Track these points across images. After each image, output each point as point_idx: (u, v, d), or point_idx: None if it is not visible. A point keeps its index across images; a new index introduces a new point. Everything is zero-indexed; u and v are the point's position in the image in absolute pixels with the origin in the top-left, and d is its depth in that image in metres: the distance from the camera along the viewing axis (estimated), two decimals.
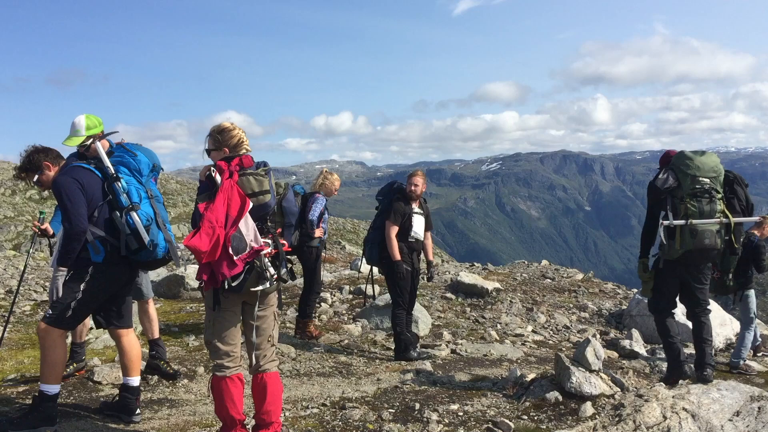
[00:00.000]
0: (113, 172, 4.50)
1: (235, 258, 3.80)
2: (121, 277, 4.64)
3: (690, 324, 6.43)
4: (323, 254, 8.43)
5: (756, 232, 8.61)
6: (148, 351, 6.11)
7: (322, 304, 10.09)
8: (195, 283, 10.67)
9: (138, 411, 4.82)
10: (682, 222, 5.66)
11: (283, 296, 11.07)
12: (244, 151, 4.11)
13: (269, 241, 4.08)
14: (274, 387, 4.19)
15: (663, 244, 5.85)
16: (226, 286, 3.83)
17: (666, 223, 5.77)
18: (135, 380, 4.84)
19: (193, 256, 16.44)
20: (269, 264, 4.02)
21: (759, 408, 4.72)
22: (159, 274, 11.96)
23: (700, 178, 5.64)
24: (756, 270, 8.34)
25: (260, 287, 3.98)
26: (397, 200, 7.23)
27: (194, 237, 3.69)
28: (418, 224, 7.39)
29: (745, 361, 8.69)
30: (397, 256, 7.14)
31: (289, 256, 7.90)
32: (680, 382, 6.02)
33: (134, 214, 4.43)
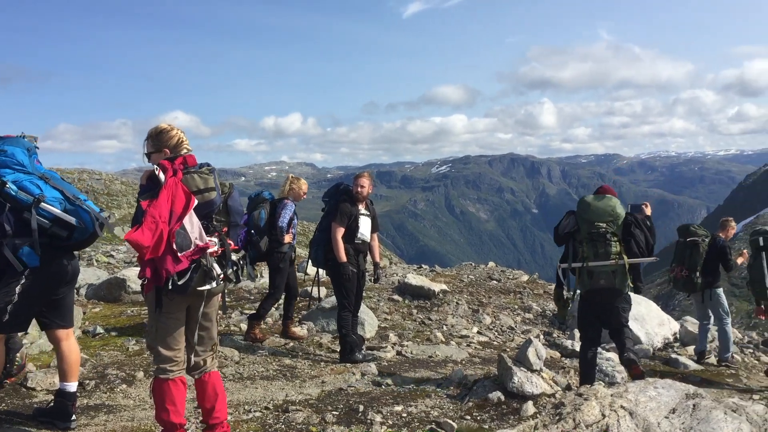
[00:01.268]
0: None
1: (179, 254, 3.73)
2: (60, 275, 4.49)
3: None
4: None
5: (721, 234, 9.08)
6: None
7: None
8: (136, 286, 10.42)
9: (74, 417, 4.68)
10: (579, 264, 6.00)
11: (227, 299, 10.91)
12: (185, 150, 4.03)
13: (215, 240, 4.03)
14: (221, 386, 4.17)
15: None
16: (170, 286, 3.74)
17: (563, 266, 6.16)
18: (72, 386, 4.69)
19: (135, 258, 16.01)
20: (215, 263, 3.97)
21: (694, 405, 4.84)
22: (99, 277, 11.65)
23: (596, 223, 5.92)
24: (724, 269, 8.77)
25: (207, 286, 3.91)
26: (343, 201, 7.20)
27: (136, 231, 3.59)
28: (365, 226, 7.38)
29: (732, 355, 9.11)
30: (343, 258, 7.10)
31: (258, 262, 7.76)
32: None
33: (45, 205, 4.24)
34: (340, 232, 7.13)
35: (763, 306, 8.33)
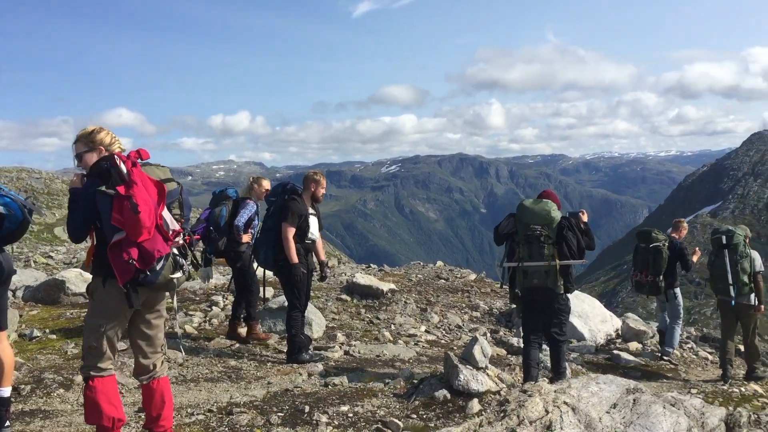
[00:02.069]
0: None
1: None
2: None
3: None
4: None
5: (674, 235, 9.40)
6: None
7: (213, 307, 9.82)
8: (76, 288, 10.13)
9: (8, 424, 4.50)
10: (515, 264, 6.37)
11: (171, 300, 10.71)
12: (118, 149, 3.94)
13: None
14: (169, 393, 4.07)
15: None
16: (140, 279, 3.67)
17: (506, 265, 6.51)
18: (6, 391, 4.50)
19: (74, 261, 15.54)
20: (179, 253, 3.95)
21: (634, 400, 4.94)
22: (37, 278, 11.29)
23: (532, 225, 6.25)
24: (684, 269, 9.12)
25: (177, 275, 3.88)
26: (293, 201, 7.11)
27: (139, 209, 3.55)
28: (314, 225, 7.35)
29: (674, 350, 9.43)
30: (295, 259, 7.01)
31: (216, 258, 7.60)
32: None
33: None
34: (292, 232, 7.03)
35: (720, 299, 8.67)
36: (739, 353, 9.05)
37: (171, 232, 3.85)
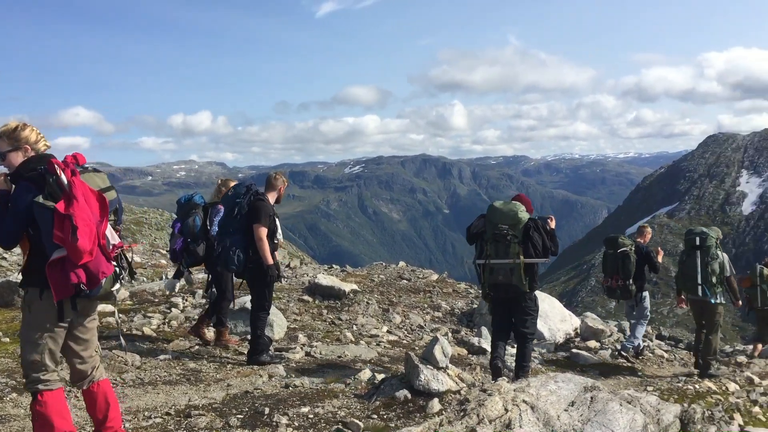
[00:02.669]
0: None
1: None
2: None
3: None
4: None
5: (639, 239, 9.73)
6: None
7: (173, 309, 9.68)
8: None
9: None
10: (482, 261, 6.68)
11: (130, 302, 10.53)
12: (44, 147, 3.80)
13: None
14: (112, 394, 3.98)
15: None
16: (81, 294, 3.57)
17: (477, 262, 6.77)
18: None
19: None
20: (116, 263, 3.85)
21: (591, 398, 5.02)
22: None
23: (500, 225, 6.56)
24: (652, 271, 9.44)
25: (117, 286, 3.80)
26: (261, 202, 7.03)
27: (76, 236, 3.39)
28: (279, 226, 7.37)
29: (633, 347, 9.69)
30: (271, 260, 6.96)
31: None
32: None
33: None
34: (265, 232, 6.96)
35: (684, 297, 9.11)
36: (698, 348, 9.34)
37: (112, 248, 3.75)
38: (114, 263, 3.78)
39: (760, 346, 11.27)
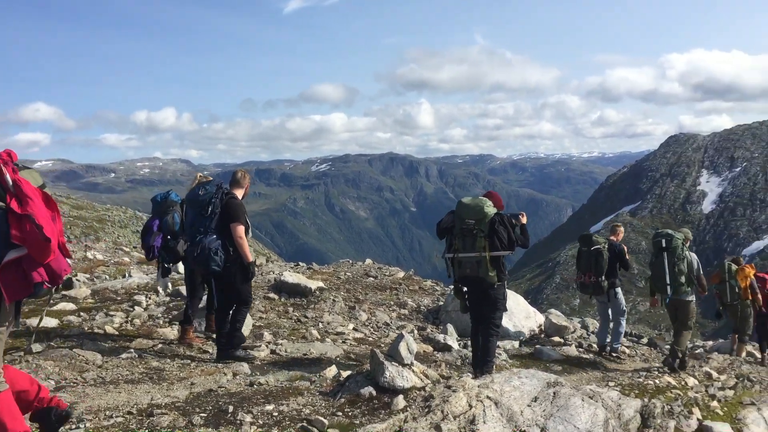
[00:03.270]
0: None
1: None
2: None
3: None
4: None
5: (612, 238, 9.96)
6: None
7: (136, 307, 9.54)
8: None
9: None
10: (451, 255, 6.93)
11: (92, 300, 10.36)
12: None
13: None
14: (14, 403, 3.73)
15: None
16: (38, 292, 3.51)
17: (447, 256, 7.01)
18: None
19: None
20: None
21: (554, 393, 5.08)
22: None
23: (467, 220, 6.80)
24: (624, 269, 9.69)
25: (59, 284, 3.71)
26: (236, 200, 7.02)
27: (42, 234, 3.32)
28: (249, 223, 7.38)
29: (620, 347, 9.92)
30: (251, 257, 7.07)
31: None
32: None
33: None
34: (243, 230, 6.96)
35: (657, 297, 9.27)
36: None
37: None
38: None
39: (737, 338, 11.68)
